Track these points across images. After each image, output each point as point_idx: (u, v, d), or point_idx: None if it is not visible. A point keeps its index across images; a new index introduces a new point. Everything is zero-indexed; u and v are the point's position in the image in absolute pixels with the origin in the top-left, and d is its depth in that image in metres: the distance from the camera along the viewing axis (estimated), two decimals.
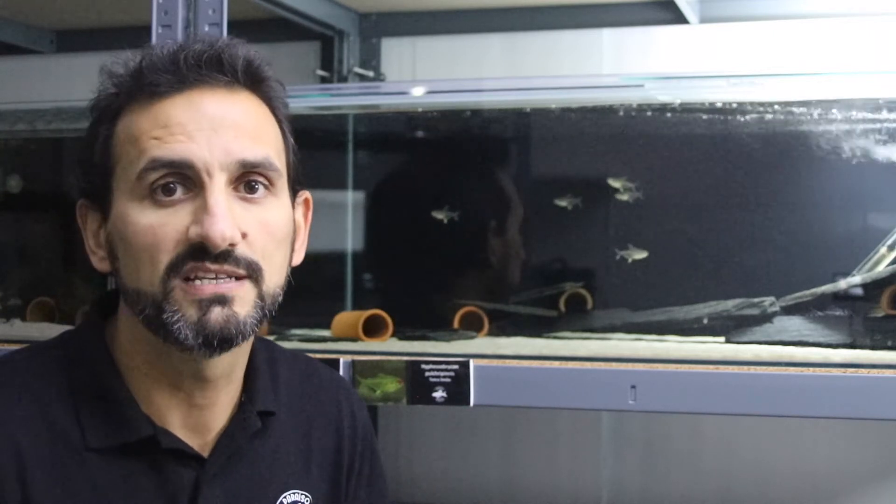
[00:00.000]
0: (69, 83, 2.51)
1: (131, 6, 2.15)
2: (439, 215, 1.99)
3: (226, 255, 1.03)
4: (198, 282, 1.03)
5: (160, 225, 1.03)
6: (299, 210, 1.17)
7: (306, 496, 1.19)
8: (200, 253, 1.03)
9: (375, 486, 1.30)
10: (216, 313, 1.03)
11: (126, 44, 1.11)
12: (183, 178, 1.04)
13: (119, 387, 1.09)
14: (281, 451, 1.19)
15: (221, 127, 1.05)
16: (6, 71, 2.57)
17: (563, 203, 1.93)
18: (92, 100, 1.11)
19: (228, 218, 1.03)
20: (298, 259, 1.16)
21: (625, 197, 1.87)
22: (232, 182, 1.05)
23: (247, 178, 1.06)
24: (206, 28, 1.68)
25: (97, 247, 1.12)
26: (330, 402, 1.27)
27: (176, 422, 1.10)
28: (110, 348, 1.11)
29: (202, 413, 1.12)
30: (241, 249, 1.04)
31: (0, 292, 2.16)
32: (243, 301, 1.05)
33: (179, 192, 1.04)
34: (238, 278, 1.05)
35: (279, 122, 1.13)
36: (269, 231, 1.08)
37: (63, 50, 2.57)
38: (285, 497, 1.17)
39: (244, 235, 1.05)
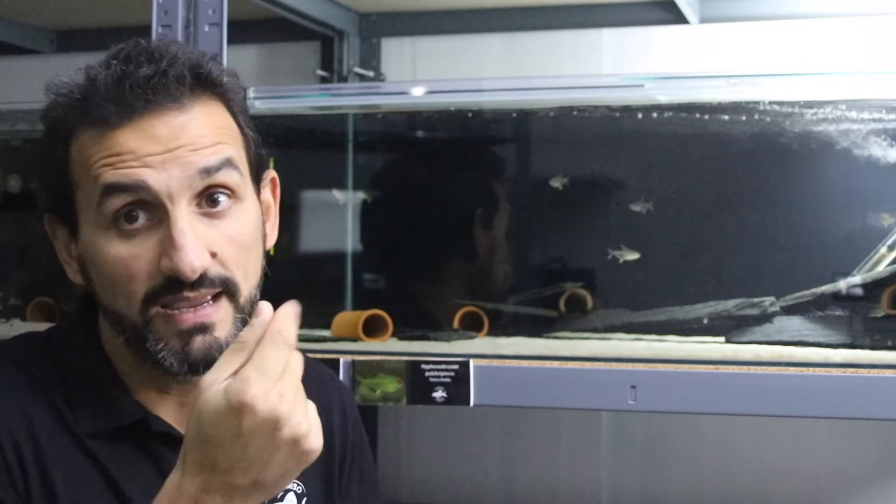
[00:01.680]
0: None
1: (131, 6, 2.15)
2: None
3: (200, 281, 1.03)
4: (177, 311, 1.04)
5: (131, 257, 1.03)
6: (266, 191, 1.16)
7: (299, 485, 1.19)
8: (175, 284, 1.03)
9: (367, 476, 1.31)
10: (198, 342, 1.04)
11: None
12: (143, 204, 1.03)
13: (109, 374, 1.10)
14: None
15: (176, 147, 1.04)
16: (6, 71, 2.57)
17: (556, 184, 1.92)
18: (42, 115, 1.10)
19: (196, 246, 1.02)
20: (272, 241, 1.16)
21: (637, 208, 1.87)
22: (195, 198, 1.04)
23: (208, 192, 1.05)
24: (206, 28, 1.68)
25: (70, 258, 1.12)
26: (319, 393, 1.26)
27: (164, 410, 1.11)
28: (100, 341, 1.12)
29: (189, 407, 1.12)
30: (214, 269, 1.04)
31: (0, 292, 2.16)
32: (223, 324, 1.06)
33: (143, 219, 1.03)
34: (215, 298, 1.05)
35: (234, 115, 1.11)
36: (238, 243, 1.07)
37: (63, 50, 2.57)
38: None
39: (214, 255, 1.04)
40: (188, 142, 1.04)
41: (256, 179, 1.13)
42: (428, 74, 2.35)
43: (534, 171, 2.09)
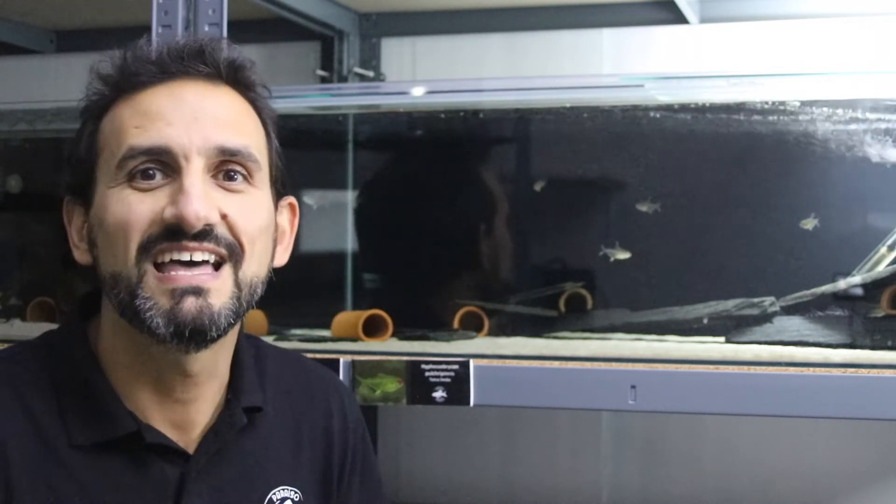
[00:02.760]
0: (69, 83, 2.51)
1: (131, 6, 2.15)
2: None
3: (204, 234, 1.04)
4: (172, 272, 1.04)
5: (137, 203, 1.05)
6: (284, 214, 1.18)
7: (296, 492, 1.19)
8: (176, 234, 1.03)
9: (369, 482, 1.30)
10: (189, 303, 1.04)
11: (126, 44, 1.12)
12: (162, 165, 1.05)
13: (102, 383, 1.09)
14: (269, 447, 1.19)
15: (202, 116, 1.07)
16: (6, 71, 2.57)
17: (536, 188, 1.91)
18: (82, 99, 1.13)
19: (204, 199, 1.04)
20: (282, 261, 1.17)
21: (644, 208, 1.87)
22: (211, 170, 1.07)
23: (225, 167, 1.08)
24: (206, 28, 1.68)
25: (80, 241, 1.13)
26: (320, 399, 1.27)
27: (160, 418, 1.10)
28: (93, 346, 1.12)
29: (186, 409, 1.12)
30: (221, 230, 1.06)
31: (0, 292, 2.16)
32: (219, 292, 1.05)
33: (159, 178, 1.06)
34: (217, 266, 1.05)
35: (264, 123, 1.15)
36: (251, 216, 1.09)
37: (63, 50, 2.57)
38: (275, 493, 1.17)
39: (224, 217, 1.06)
40: (213, 115, 1.08)
41: (276, 192, 1.15)
42: (428, 74, 2.35)
43: (534, 170, 2.09)
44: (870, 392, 1.48)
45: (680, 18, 2.15)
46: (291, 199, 1.20)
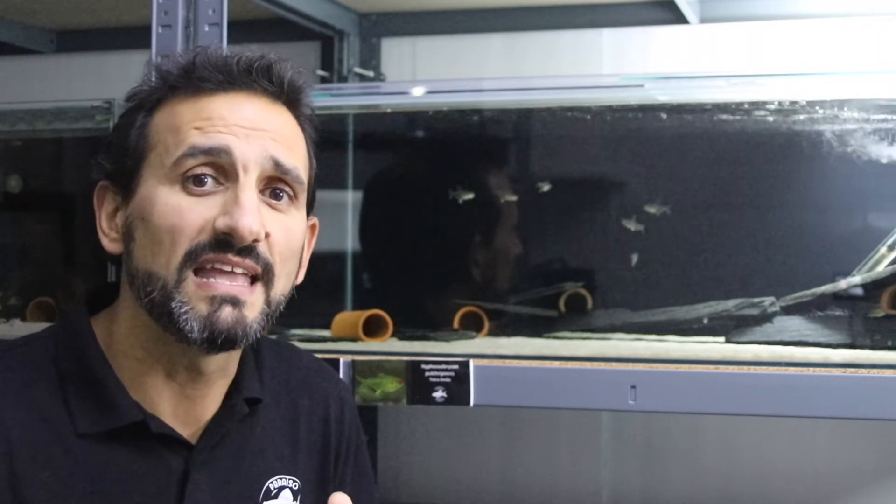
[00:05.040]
0: (69, 83, 2.52)
1: (131, 6, 2.15)
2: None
3: (248, 250, 1.06)
4: (212, 279, 1.05)
5: (188, 209, 1.06)
6: (306, 234, 1.20)
7: (294, 481, 1.20)
8: (223, 245, 1.05)
9: (361, 473, 1.32)
10: (227, 312, 1.06)
11: (126, 44, 1.14)
12: (217, 170, 1.07)
13: (107, 374, 1.10)
14: (268, 437, 1.20)
15: (261, 129, 1.09)
16: (6, 71, 2.57)
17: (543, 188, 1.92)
18: (132, 89, 1.14)
19: (257, 214, 1.06)
20: (298, 280, 1.19)
21: (652, 210, 1.87)
22: (260, 185, 1.08)
23: (273, 185, 1.10)
24: (206, 28, 1.68)
25: (110, 228, 1.13)
26: (316, 389, 1.29)
27: (166, 410, 1.12)
28: (99, 338, 1.13)
29: (193, 404, 1.13)
30: (262, 248, 1.07)
31: (0, 292, 2.16)
32: (254, 306, 1.08)
33: (210, 185, 1.07)
34: (252, 281, 1.07)
35: (308, 147, 1.18)
36: (290, 238, 1.11)
37: (63, 50, 2.57)
38: (272, 482, 1.19)
39: (267, 235, 1.08)
40: (272, 130, 1.10)
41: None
42: (428, 74, 2.35)
43: (534, 170, 2.09)
44: (870, 392, 1.48)
45: (680, 18, 2.15)
46: (314, 221, 1.23)
